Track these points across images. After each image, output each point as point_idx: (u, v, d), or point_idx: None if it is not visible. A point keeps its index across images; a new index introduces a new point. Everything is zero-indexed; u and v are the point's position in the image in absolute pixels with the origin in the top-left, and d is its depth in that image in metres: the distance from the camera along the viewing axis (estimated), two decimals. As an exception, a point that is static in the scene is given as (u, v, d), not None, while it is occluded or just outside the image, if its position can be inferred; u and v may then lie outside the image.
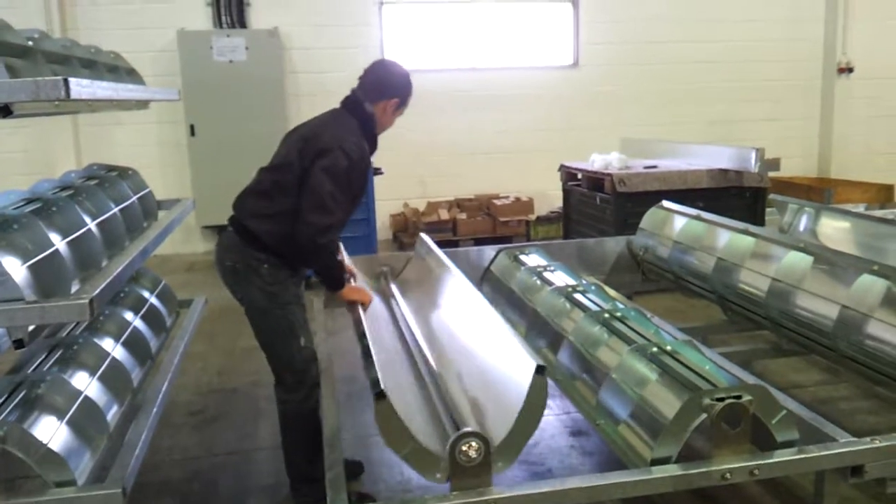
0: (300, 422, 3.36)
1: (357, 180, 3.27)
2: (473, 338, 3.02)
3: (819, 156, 10.80)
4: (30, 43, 2.82)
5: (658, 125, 9.79)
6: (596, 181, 7.14)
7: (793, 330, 3.67)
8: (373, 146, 3.43)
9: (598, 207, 7.07)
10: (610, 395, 2.84)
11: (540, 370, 2.32)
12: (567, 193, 7.98)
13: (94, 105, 3.07)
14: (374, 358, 2.67)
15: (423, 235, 4.43)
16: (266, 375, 3.44)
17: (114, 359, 3.20)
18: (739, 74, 10.29)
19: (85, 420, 2.72)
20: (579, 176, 7.69)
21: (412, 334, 3.29)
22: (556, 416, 4.33)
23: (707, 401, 2.46)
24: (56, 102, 2.28)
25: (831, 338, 3.37)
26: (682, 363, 2.77)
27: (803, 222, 4.93)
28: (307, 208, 3.14)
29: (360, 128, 3.34)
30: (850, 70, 10.39)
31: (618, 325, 3.23)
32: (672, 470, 2.45)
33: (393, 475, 3.75)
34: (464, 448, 2.28)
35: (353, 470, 3.72)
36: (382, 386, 2.36)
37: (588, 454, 3.93)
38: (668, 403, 2.55)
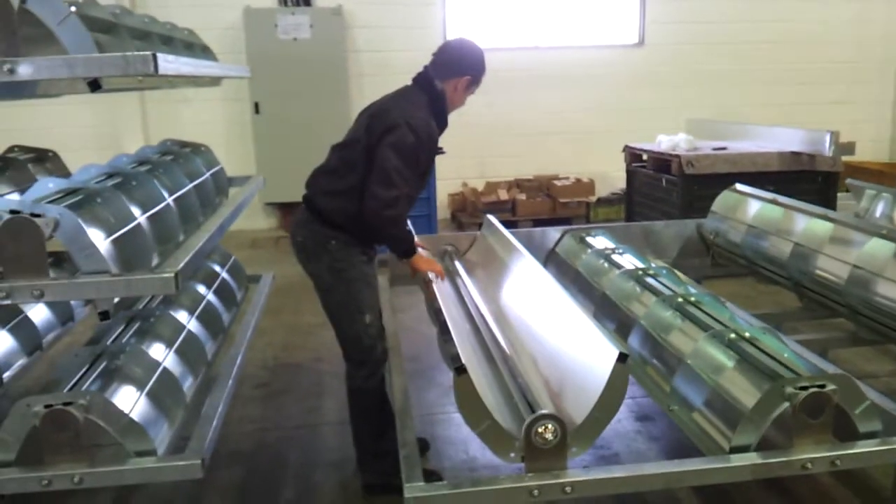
0: (365, 398, 3.39)
1: (424, 157, 3.26)
2: (547, 321, 2.99)
3: (891, 140, 10.44)
4: (113, 19, 2.86)
5: (725, 107, 9.54)
6: (662, 162, 7.01)
7: (872, 318, 3.56)
8: (442, 124, 3.41)
9: (664, 189, 6.95)
10: (685, 382, 2.79)
11: (622, 358, 2.29)
12: (631, 175, 7.86)
13: (173, 81, 3.11)
14: (453, 333, 2.66)
15: (490, 216, 4.40)
16: (329, 352, 3.48)
17: (189, 332, 3.26)
18: (808, 55, 9.98)
19: (163, 391, 2.78)
20: (644, 157, 7.55)
21: (481, 315, 3.28)
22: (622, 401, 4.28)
23: (790, 389, 2.41)
24: (141, 78, 2.31)
25: None
26: (761, 350, 2.70)
27: (880, 208, 4.78)
28: (373, 182, 3.14)
29: (430, 105, 3.33)
30: (927, 51, 10.01)
31: (692, 309, 3.17)
32: (752, 458, 2.40)
33: (458, 453, 3.77)
34: (540, 430, 2.27)
35: (420, 447, 3.73)
36: (463, 360, 2.35)
37: (654, 439, 3.88)
38: (747, 391, 2.50)
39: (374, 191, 3.13)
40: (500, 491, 2.29)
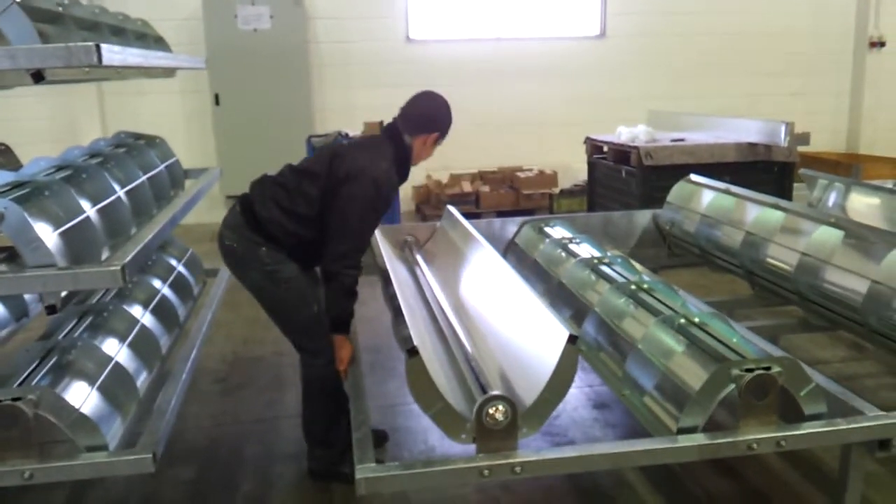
0: (323, 385, 3.40)
1: (382, 207, 3.29)
2: (501, 307, 3.03)
3: (848, 131, 10.64)
4: (60, 9, 2.82)
5: (685, 98, 9.65)
6: (622, 154, 7.08)
7: (821, 305, 3.64)
8: (404, 174, 3.43)
9: (624, 181, 7.02)
10: (636, 366, 2.84)
11: (572, 339, 2.33)
12: (592, 166, 7.93)
13: (122, 72, 3.07)
14: (406, 316, 2.68)
15: (450, 207, 4.42)
16: (289, 345, 3.46)
17: (143, 326, 3.23)
18: (768, 47, 10.13)
19: (115, 386, 2.76)
20: (605, 149, 7.62)
21: (438, 303, 3.30)
22: (579, 388, 4.33)
23: (736, 371, 2.46)
24: (87, 69, 2.28)
25: (861, 313, 3.34)
26: (709, 335, 2.76)
27: (832, 198, 4.87)
28: (334, 238, 3.16)
29: (395, 156, 3.34)
30: (882, 44, 10.19)
31: (644, 297, 3.22)
32: (698, 439, 2.46)
33: (416, 443, 3.79)
34: (490, 411, 2.30)
35: (379, 438, 3.76)
36: (416, 343, 2.37)
37: (611, 426, 3.93)
38: (695, 374, 2.55)
39: (335, 249, 3.15)
40: (452, 471, 2.33)
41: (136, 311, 3.37)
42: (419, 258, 4.02)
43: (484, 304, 3.21)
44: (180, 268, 4.09)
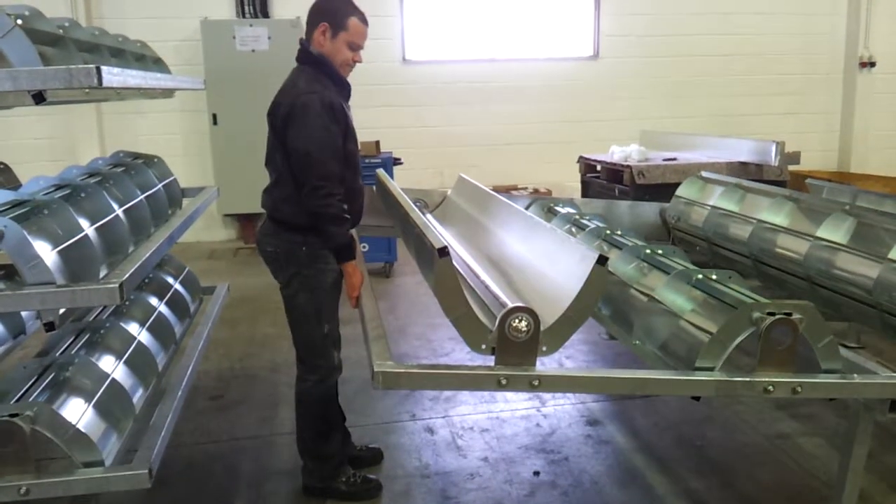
0: (311, 402, 3.46)
1: (335, 129, 3.20)
2: (526, 247, 3.00)
3: (839, 150, 10.73)
4: (61, 31, 2.87)
5: (677, 118, 9.76)
6: (615, 173, 7.13)
7: (831, 289, 3.54)
8: (339, 84, 3.34)
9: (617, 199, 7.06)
10: (651, 316, 2.83)
11: (602, 260, 2.30)
12: (585, 185, 7.97)
13: (122, 93, 3.12)
14: (436, 229, 2.64)
15: (463, 175, 4.42)
16: (286, 362, 3.52)
17: (140, 343, 3.26)
18: (760, 68, 10.25)
19: (112, 402, 2.78)
20: (598, 168, 7.67)
21: (458, 255, 3.23)
22: (572, 405, 4.37)
23: (757, 314, 2.43)
24: (87, 90, 2.33)
25: (873, 293, 3.25)
26: (727, 287, 2.73)
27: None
28: (300, 176, 3.16)
29: (316, 73, 3.28)
30: (872, 64, 10.31)
31: (658, 258, 3.19)
32: (715, 375, 2.44)
33: (412, 460, 3.81)
34: (514, 323, 2.29)
35: (374, 456, 3.81)
36: (445, 243, 2.33)
37: (604, 442, 3.96)
38: (713, 319, 2.54)
39: (307, 185, 3.14)
40: (471, 376, 2.34)
41: (132, 328, 3.40)
42: (431, 219, 3.99)
43: (506, 248, 3.17)
44: (177, 286, 4.12)
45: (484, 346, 2.34)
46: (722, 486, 3.54)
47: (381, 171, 4.32)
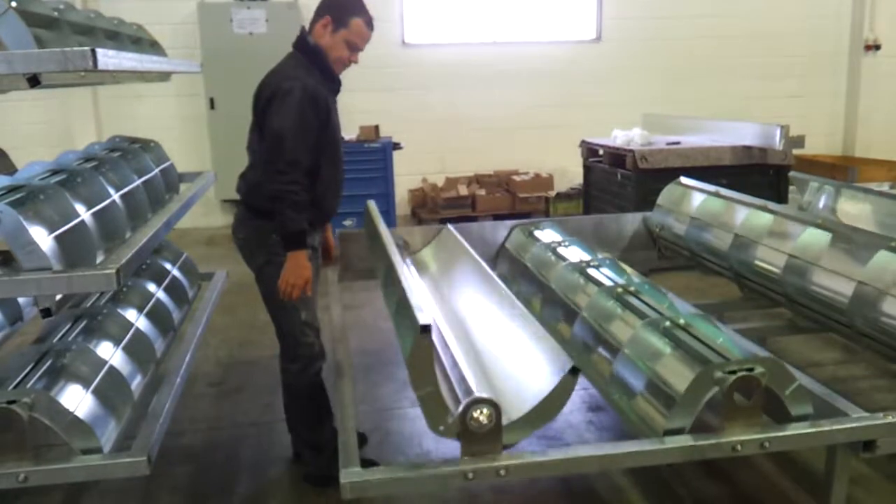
0: (298, 391, 3.45)
1: (311, 115, 3.12)
2: (498, 326, 3.02)
3: (844, 133, 10.68)
4: (56, 14, 2.84)
5: (681, 101, 9.69)
6: (617, 157, 7.10)
7: (808, 307, 3.65)
8: (329, 78, 3.29)
9: (619, 184, 7.04)
10: (623, 370, 2.85)
11: (574, 371, 2.35)
12: (588, 170, 7.95)
13: (118, 76, 3.09)
14: (417, 301, 2.59)
15: (450, 226, 4.40)
16: (285, 349, 3.49)
17: (137, 329, 3.24)
18: (764, 50, 10.17)
19: (110, 389, 2.77)
20: (601, 152, 7.65)
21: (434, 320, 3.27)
22: (574, 391, 4.34)
23: (719, 374, 2.47)
24: (82, 73, 2.29)
25: (847, 314, 3.34)
26: (695, 337, 2.76)
27: (823, 200, 4.88)
28: (268, 157, 3.09)
29: (310, 64, 3.23)
30: (878, 47, 10.23)
31: (631, 299, 3.22)
32: (684, 440, 2.46)
33: (412, 447, 3.80)
34: (475, 414, 2.28)
35: (359, 441, 3.79)
36: (430, 321, 2.31)
37: (605, 429, 3.94)
38: (680, 376, 2.56)
39: (273, 167, 3.06)
40: (436, 476, 2.33)
41: (130, 314, 3.38)
42: (409, 265, 4.01)
43: (479, 320, 3.19)
44: (175, 271, 4.10)
45: (442, 429, 2.33)
46: (723, 481, 3.52)
47: (370, 204, 4.22)
